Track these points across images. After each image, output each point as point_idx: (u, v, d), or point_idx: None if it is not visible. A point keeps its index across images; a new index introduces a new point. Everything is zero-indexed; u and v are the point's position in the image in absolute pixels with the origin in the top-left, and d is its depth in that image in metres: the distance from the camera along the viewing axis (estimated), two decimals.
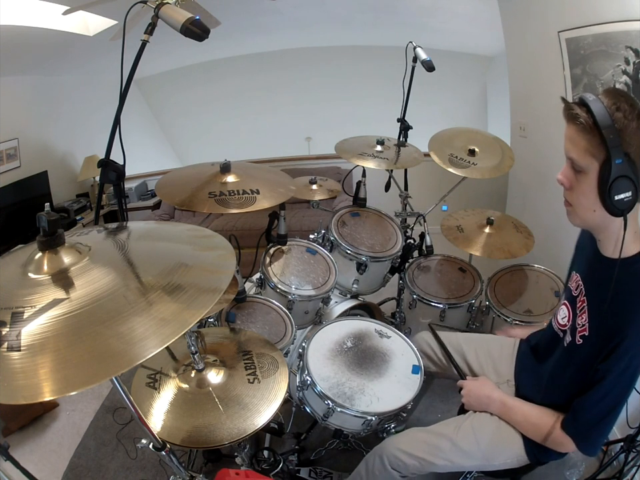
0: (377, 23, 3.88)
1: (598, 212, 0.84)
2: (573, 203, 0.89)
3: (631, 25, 1.52)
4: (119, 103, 1.12)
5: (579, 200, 0.87)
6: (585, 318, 0.95)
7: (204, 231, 0.83)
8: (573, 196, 0.88)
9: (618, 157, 0.77)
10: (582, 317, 0.96)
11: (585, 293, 0.97)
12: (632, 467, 1.39)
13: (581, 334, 0.96)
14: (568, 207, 0.91)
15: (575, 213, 0.89)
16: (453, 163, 1.79)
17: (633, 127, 0.77)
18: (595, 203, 0.83)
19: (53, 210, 3.22)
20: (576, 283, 1.02)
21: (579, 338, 0.96)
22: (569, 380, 1.00)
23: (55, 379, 0.50)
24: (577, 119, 0.80)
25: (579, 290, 1.00)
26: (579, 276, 1.02)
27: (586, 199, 0.85)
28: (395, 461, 1.12)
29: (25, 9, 2.46)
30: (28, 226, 3.08)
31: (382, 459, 1.14)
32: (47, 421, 2.03)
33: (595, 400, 0.92)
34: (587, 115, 0.78)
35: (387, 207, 2.03)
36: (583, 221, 0.90)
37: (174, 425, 1.01)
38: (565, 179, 0.87)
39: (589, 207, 0.85)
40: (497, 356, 1.31)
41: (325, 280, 1.74)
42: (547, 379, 1.08)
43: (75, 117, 3.88)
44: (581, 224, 0.93)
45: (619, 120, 0.77)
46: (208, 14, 2.19)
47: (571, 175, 0.86)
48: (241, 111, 5.19)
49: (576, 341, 0.97)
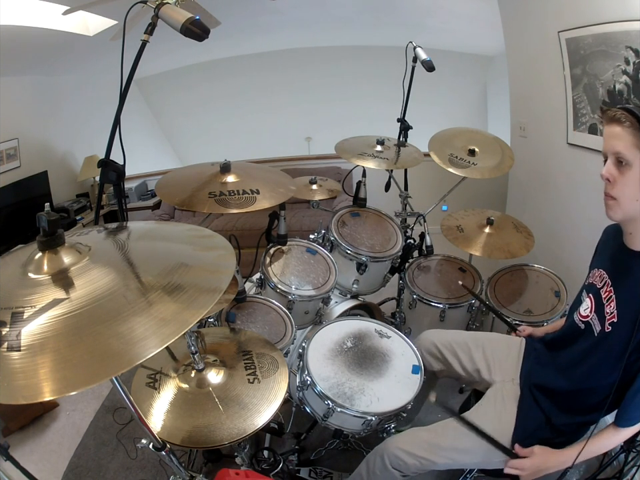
0: (377, 23, 3.87)
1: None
2: (616, 195, 0.94)
3: (631, 25, 1.52)
4: (119, 103, 1.12)
5: (623, 191, 0.93)
6: (613, 306, 1.00)
7: (204, 230, 0.83)
8: (617, 189, 0.94)
9: None
10: (610, 306, 1.01)
11: (610, 284, 1.03)
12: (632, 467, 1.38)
13: (609, 321, 1.00)
14: (610, 201, 0.97)
15: (618, 205, 0.95)
16: (453, 162, 1.79)
17: None
18: (639, 192, 0.91)
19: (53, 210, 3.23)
20: (600, 277, 1.08)
21: (608, 325, 1.00)
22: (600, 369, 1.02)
23: (55, 378, 0.50)
24: (621, 120, 0.90)
25: (604, 282, 1.06)
26: (603, 271, 1.08)
27: (630, 190, 0.92)
28: (395, 461, 1.12)
29: (24, 8, 2.46)
30: (28, 226, 3.08)
31: (383, 459, 1.14)
32: (47, 420, 2.03)
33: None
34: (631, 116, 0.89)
35: (387, 207, 2.04)
36: (624, 212, 0.96)
37: (174, 424, 1.01)
38: (608, 174, 0.94)
39: (633, 197, 0.92)
40: (503, 355, 1.32)
41: (325, 280, 1.74)
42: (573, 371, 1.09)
43: (74, 117, 3.88)
44: (622, 216, 0.97)
45: None
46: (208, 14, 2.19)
47: (614, 171, 0.93)
48: (241, 110, 5.18)
49: (605, 329, 1.01)
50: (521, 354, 1.30)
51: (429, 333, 1.49)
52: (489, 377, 1.29)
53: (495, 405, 1.19)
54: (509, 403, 1.18)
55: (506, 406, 1.18)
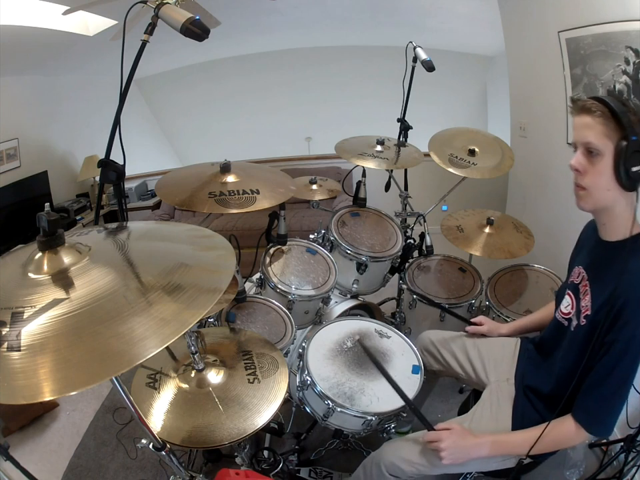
0: (377, 23, 3.88)
1: (612, 190, 0.90)
2: (587, 185, 0.93)
3: (631, 25, 1.51)
4: (119, 103, 1.12)
5: (593, 181, 0.92)
6: (588, 299, 1.00)
7: (204, 230, 0.83)
8: (587, 179, 0.93)
9: (633, 134, 0.85)
10: (585, 299, 1.01)
11: (587, 278, 1.03)
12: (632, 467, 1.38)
13: (584, 314, 1.00)
14: (581, 192, 0.95)
15: (589, 195, 0.94)
16: (453, 162, 1.79)
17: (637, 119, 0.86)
18: (609, 182, 0.90)
19: (53, 210, 3.23)
20: (578, 273, 1.07)
21: (583, 319, 1.00)
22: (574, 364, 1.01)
23: (55, 378, 0.50)
24: (591, 110, 0.89)
25: (581, 277, 1.05)
26: (581, 267, 1.07)
27: (601, 179, 0.91)
28: (392, 468, 1.12)
29: (24, 8, 2.46)
30: (28, 226, 3.07)
31: (379, 466, 1.14)
32: (47, 420, 2.03)
33: (603, 374, 0.93)
34: (602, 105, 0.88)
35: (387, 207, 2.04)
36: (595, 202, 0.95)
37: (174, 424, 1.01)
38: (578, 164, 0.93)
39: (604, 187, 0.91)
40: (498, 355, 1.32)
41: (325, 280, 1.74)
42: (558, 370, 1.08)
43: (74, 117, 3.88)
44: (593, 206, 0.96)
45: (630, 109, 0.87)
46: (208, 14, 2.19)
47: (584, 161, 0.92)
48: (241, 110, 5.18)
49: (580, 323, 1.01)
50: (516, 354, 1.30)
51: (428, 332, 1.49)
52: (485, 377, 1.30)
53: (491, 406, 1.19)
54: (505, 404, 1.18)
55: (501, 407, 1.18)
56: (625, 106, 0.87)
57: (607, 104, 0.87)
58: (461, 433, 1.06)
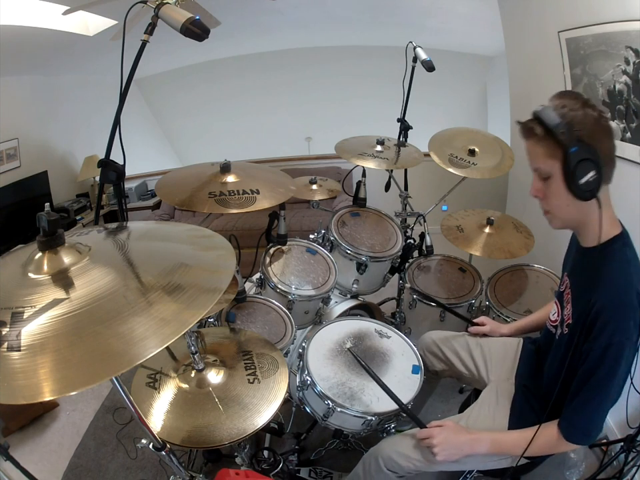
0: (377, 23, 3.87)
1: (571, 205, 0.90)
2: (549, 208, 0.95)
3: (631, 24, 1.51)
4: (119, 103, 1.12)
5: (553, 202, 0.93)
6: (569, 307, 1.00)
7: (204, 230, 0.83)
8: (546, 202, 0.94)
9: (572, 146, 0.83)
10: (567, 308, 1.01)
11: (569, 286, 1.04)
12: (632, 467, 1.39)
13: (567, 323, 1.00)
14: (547, 215, 0.97)
15: (554, 216, 0.96)
16: (453, 162, 1.79)
17: (579, 115, 0.84)
18: (567, 199, 0.89)
19: (53, 210, 3.23)
20: (564, 281, 1.08)
21: (565, 327, 1.01)
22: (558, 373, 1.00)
23: (55, 378, 0.50)
24: (531, 132, 0.89)
25: (565, 285, 1.06)
26: (566, 274, 1.08)
27: (558, 198, 0.91)
28: (390, 463, 1.12)
29: (24, 8, 2.46)
30: (28, 226, 3.07)
31: (377, 461, 1.14)
32: (47, 420, 2.03)
33: (580, 384, 0.92)
34: (538, 125, 0.87)
35: (387, 207, 2.03)
36: (562, 221, 0.96)
37: (174, 425, 1.01)
38: (535, 191, 0.94)
39: (563, 204, 0.91)
40: (500, 354, 1.32)
41: (325, 280, 1.74)
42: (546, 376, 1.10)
43: (74, 117, 3.88)
44: (562, 224, 0.97)
45: (566, 115, 0.84)
46: (208, 14, 2.19)
47: (540, 185, 0.93)
48: (241, 110, 5.18)
49: (563, 331, 1.02)
50: (518, 354, 1.30)
51: (430, 333, 1.49)
52: (486, 376, 1.30)
53: (490, 404, 1.20)
54: (503, 403, 1.18)
55: (500, 406, 1.18)
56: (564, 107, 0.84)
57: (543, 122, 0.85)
58: (454, 429, 1.07)
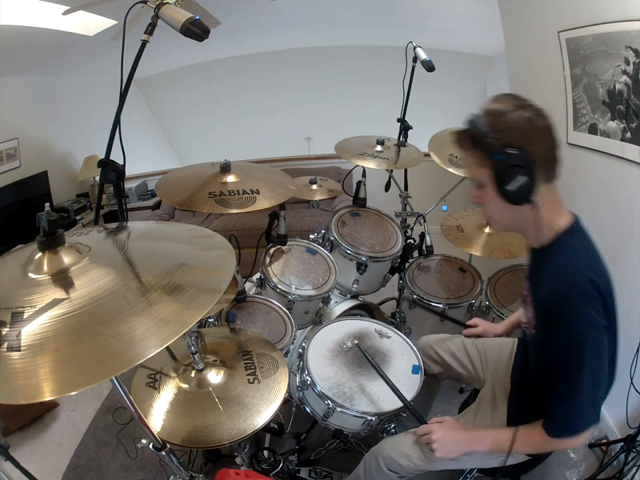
0: (377, 23, 3.87)
1: (507, 210, 0.90)
2: (488, 214, 0.97)
3: (631, 24, 1.51)
4: (119, 103, 1.12)
5: (490, 208, 0.94)
6: (531, 309, 1.01)
7: (204, 230, 0.84)
8: (485, 208, 0.96)
9: (497, 154, 0.82)
10: (529, 310, 1.02)
11: (528, 288, 1.05)
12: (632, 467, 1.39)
13: (533, 325, 1.01)
14: (489, 220, 0.99)
15: (494, 221, 0.98)
16: (453, 163, 1.79)
17: (510, 119, 0.82)
18: (500, 204, 0.89)
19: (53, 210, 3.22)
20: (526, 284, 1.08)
21: (533, 329, 1.02)
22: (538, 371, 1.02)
23: (55, 378, 0.50)
24: (462, 143, 0.89)
25: (527, 288, 1.07)
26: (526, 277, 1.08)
27: (494, 204, 0.91)
28: (390, 462, 1.12)
29: (24, 8, 2.46)
30: (28, 226, 3.07)
31: (378, 461, 1.14)
32: (47, 420, 2.03)
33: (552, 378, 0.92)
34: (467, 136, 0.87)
35: (386, 207, 2.03)
36: (502, 225, 0.98)
37: (174, 425, 1.01)
38: (474, 197, 0.96)
39: (500, 210, 0.92)
40: (496, 353, 1.33)
41: (325, 280, 1.74)
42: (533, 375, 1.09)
43: (75, 117, 3.88)
44: (504, 228, 0.99)
45: (491, 123, 0.83)
46: (208, 14, 2.19)
47: (477, 192, 0.94)
48: (241, 111, 5.18)
49: (533, 332, 1.03)
50: (513, 352, 1.30)
51: (426, 337, 1.50)
52: (483, 375, 1.31)
53: (488, 403, 1.20)
54: (501, 402, 1.19)
55: (497, 405, 1.18)
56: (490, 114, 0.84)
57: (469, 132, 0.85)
58: (453, 425, 1.08)
